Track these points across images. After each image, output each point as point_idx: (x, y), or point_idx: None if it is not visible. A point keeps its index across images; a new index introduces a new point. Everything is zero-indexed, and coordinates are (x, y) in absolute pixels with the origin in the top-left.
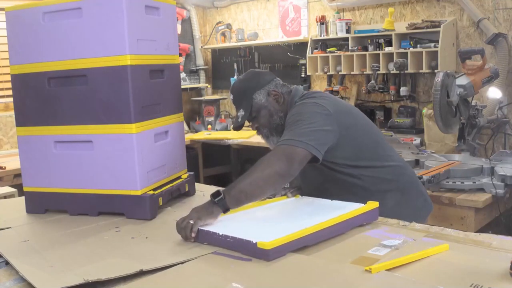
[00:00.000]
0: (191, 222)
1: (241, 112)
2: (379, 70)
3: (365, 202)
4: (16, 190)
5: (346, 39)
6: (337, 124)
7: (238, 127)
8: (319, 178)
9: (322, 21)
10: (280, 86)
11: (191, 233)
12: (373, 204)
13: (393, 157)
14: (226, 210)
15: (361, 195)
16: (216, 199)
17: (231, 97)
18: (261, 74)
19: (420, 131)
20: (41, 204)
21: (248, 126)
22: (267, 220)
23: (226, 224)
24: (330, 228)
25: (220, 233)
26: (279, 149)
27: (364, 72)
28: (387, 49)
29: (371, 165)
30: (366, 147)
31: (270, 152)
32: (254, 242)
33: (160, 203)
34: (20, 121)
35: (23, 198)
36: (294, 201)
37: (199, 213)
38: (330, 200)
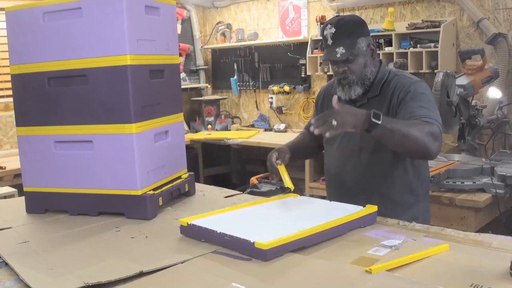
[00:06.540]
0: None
1: (341, 50)
2: None
3: (408, 207)
4: (16, 190)
5: None
6: None
7: (332, 61)
8: (389, 168)
9: (322, 21)
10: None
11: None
12: (371, 208)
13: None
14: (373, 123)
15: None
16: (373, 117)
17: (333, 30)
18: (365, 24)
19: None
20: (41, 204)
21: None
22: (266, 219)
23: (225, 222)
24: (328, 230)
25: (218, 231)
26: (437, 127)
27: None
28: (387, 49)
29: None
30: None
31: (431, 124)
32: (251, 241)
33: (160, 203)
34: (20, 121)
35: (23, 198)
36: (293, 201)
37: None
38: (329, 201)
